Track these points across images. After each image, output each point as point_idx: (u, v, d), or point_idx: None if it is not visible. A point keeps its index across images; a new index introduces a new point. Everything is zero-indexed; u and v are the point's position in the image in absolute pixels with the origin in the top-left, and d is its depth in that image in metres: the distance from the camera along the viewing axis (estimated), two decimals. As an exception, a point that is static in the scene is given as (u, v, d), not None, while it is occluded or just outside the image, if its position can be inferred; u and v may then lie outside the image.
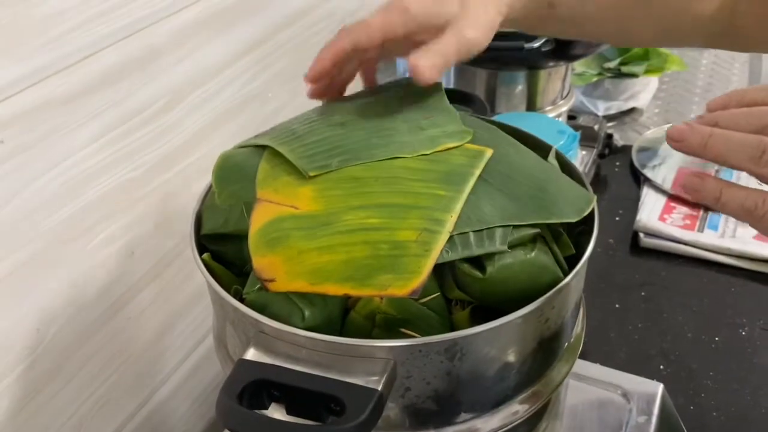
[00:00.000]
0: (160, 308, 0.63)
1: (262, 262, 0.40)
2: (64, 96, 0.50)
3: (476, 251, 0.40)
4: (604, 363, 0.67)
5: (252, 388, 0.37)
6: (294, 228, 0.41)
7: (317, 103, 0.54)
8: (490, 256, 0.41)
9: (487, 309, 0.42)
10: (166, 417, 0.66)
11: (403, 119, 0.47)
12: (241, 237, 0.42)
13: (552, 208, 0.44)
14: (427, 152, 0.44)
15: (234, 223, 0.45)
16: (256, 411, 0.37)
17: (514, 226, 0.42)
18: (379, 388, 0.36)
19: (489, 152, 0.45)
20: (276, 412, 0.39)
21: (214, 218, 0.47)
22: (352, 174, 0.43)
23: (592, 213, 0.46)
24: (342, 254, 0.39)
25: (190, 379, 0.68)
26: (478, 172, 0.43)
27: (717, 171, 0.96)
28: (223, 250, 0.47)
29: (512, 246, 0.41)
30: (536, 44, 0.81)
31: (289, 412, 0.38)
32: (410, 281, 0.38)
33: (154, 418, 0.64)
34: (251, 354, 0.39)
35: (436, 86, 0.52)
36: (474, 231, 0.41)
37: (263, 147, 0.47)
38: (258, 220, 0.42)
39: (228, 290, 0.43)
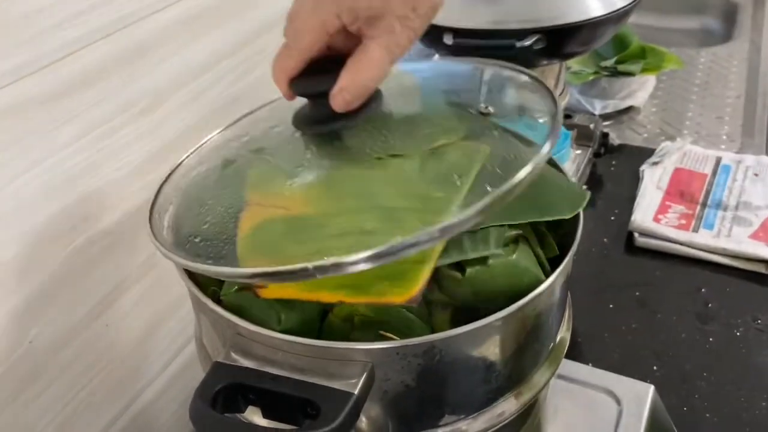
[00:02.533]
0: (145, 310, 0.62)
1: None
2: (43, 95, 0.49)
3: (471, 254, 0.39)
4: (597, 363, 0.66)
5: (227, 392, 0.37)
6: (284, 232, 0.39)
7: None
8: (470, 257, 0.40)
9: (469, 311, 0.42)
10: (150, 421, 0.65)
11: (398, 119, 0.46)
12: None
13: (546, 205, 0.43)
14: (424, 149, 0.42)
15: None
16: (231, 415, 0.37)
17: (509, 226, 0.41)
18: (355, 392, 0.36)
19: (487, 149, 0.44)
20: (253, 416, 0.38)
21: (193, 219, 0.47)
22: (345, 175, 0.42)
23: (577, 215, 0.45)
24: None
25: (176, 383, 0.67)
26: (474, 171, 0.42)
27: (714, 173, 0.96)
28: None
29: (493, 247, 0.41)
30: (527, 42, 0.80)
31: (265, 416, 0.38)
32: (409, 288, 0.37)
33: (139, 421, 0.63)
34: (228, 356, 0.39)
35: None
36: (467, 233, 0.39)
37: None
38: (247, 224, 0.40)
39: (207, 291, 0.42)
